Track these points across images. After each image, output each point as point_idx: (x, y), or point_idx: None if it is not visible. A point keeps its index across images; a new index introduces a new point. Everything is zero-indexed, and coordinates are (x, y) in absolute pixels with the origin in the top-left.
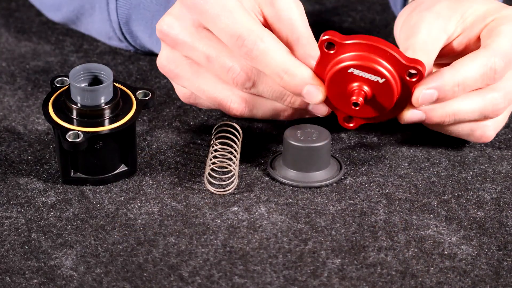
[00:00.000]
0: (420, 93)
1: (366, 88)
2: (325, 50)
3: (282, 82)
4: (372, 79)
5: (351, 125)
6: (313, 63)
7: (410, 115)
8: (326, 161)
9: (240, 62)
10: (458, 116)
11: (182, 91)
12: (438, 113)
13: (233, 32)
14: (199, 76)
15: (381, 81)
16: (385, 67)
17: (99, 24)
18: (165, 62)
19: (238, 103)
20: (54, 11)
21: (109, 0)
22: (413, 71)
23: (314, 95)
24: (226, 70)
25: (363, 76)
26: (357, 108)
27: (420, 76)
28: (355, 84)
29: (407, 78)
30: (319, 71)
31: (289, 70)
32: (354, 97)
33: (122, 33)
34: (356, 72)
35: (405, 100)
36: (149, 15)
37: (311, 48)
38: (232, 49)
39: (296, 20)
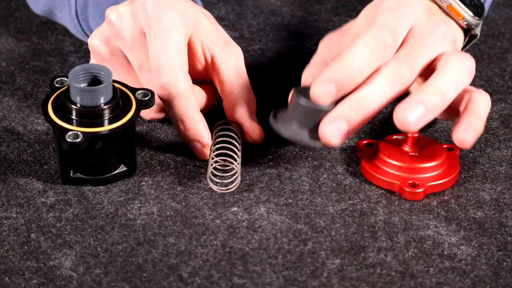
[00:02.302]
0: (316, 88)
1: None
2: (366, 147)
3: (177, 128)
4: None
5: (419, 191)
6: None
7: (411, 114)
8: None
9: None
10: (443, 91)
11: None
12: (430, 98)
13: (157, 61)
14: (128, 73)
15: (425, 139)
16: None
17: (66, 19)
18: (97, 42)
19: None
20: (33, 4)
21: None
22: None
23: (199, 152)
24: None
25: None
26: (415, 133)
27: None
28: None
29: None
30: (367, 161)
31: (186, 122)
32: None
33: (83, 29)
34: (401, 137)
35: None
36: (99, 14)
37: (239, 111)
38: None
39: (239, 78)
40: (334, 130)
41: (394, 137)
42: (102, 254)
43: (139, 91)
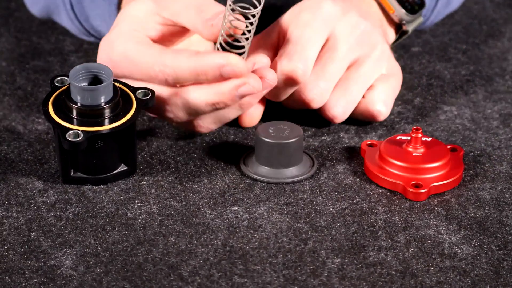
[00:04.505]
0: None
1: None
2: (369, 147)
3: (205, 81)
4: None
5: (422, 192)
6: (214, 26)
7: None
8: (298, 158)
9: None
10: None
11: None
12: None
13: (144, 74)
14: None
15: (429, 139)
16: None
17: (66, 21)
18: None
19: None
20: (31, 6)
21: (65, 0)
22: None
23: (231, 69)
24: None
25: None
26: (419, 134)
27: None
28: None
29: None
30: (370, 161)
31: (199, 68)
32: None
33: (86, 29)
34: (405, 137)
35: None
36: (100, 12)
37: (205, 16)
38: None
39: (183, 11)
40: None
41: (398, 137)
42: (103, 254)
43: (140, 91)
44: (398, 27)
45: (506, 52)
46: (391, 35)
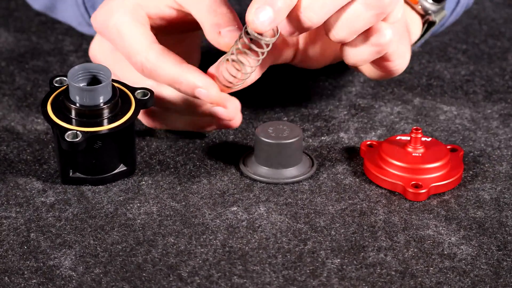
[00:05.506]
0: (253, 17)
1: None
2: (369, 147)
3: (176, 89)
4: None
5: (422, 192)
6: (221, 35)
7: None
8: (297, 158)
9: None
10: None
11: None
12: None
13: (125, 53)
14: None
15: (428, 139)
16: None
17: (70, 10)
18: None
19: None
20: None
21: None
22: None
23: (205, 94)
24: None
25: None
26: (419, 134)
27: None
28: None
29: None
30: (370, 161)
31: (177, 79)
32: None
33: (90, 16)
34: (404, 138)
35: None
36: None
37: (217, 20)
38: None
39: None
40: (262, 17)
41: (398, 137)
42: (102, 254)
43: (139, 91)
44: (423, 18)
45: (506, 52)
46: (416, 27)
